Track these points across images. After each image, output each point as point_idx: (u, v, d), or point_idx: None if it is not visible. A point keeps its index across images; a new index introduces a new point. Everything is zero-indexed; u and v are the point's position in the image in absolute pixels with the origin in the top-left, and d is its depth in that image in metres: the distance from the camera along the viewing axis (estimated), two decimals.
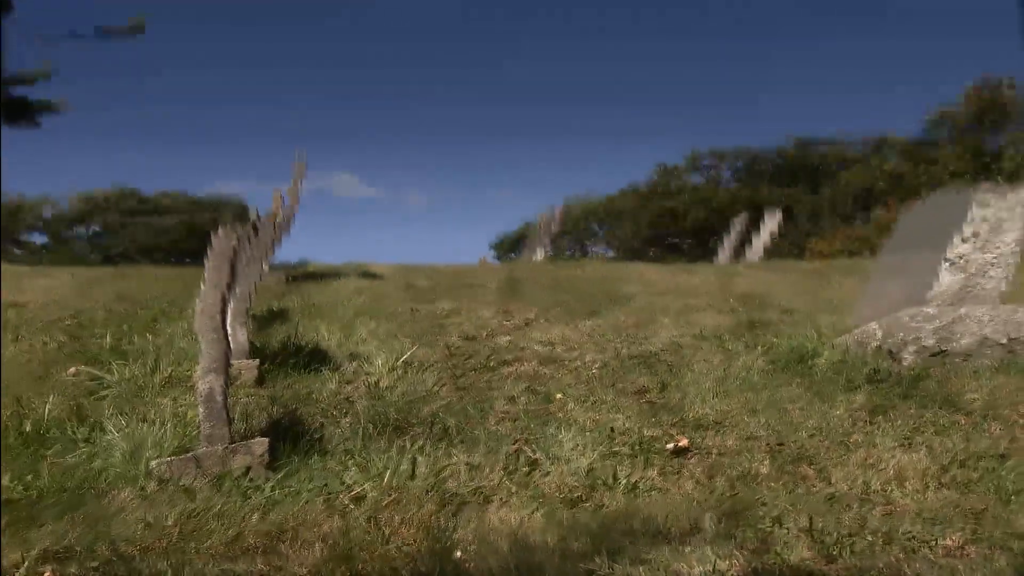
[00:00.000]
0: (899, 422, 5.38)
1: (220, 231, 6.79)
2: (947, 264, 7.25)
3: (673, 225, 33.87)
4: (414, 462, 4.86)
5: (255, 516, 4.23)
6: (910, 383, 5.99)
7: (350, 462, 4.93)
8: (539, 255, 17.62)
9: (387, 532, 4.07)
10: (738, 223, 18.26)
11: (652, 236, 35.35)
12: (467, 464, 4.88)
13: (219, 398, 5.04)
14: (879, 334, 7.03)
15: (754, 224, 18.19)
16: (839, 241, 25.15)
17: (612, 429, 5.41)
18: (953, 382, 5.95)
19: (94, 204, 41.69)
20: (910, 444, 5.00)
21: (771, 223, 17.73)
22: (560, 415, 5.82)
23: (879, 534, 4.00)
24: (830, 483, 4.60)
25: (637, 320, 8.82)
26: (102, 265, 23.95)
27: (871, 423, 5.39)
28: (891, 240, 8.73)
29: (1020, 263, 7.35)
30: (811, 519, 4.10)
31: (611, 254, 37.70)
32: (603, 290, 10.41)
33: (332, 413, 5.91)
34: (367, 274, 11.88)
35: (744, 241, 18.02)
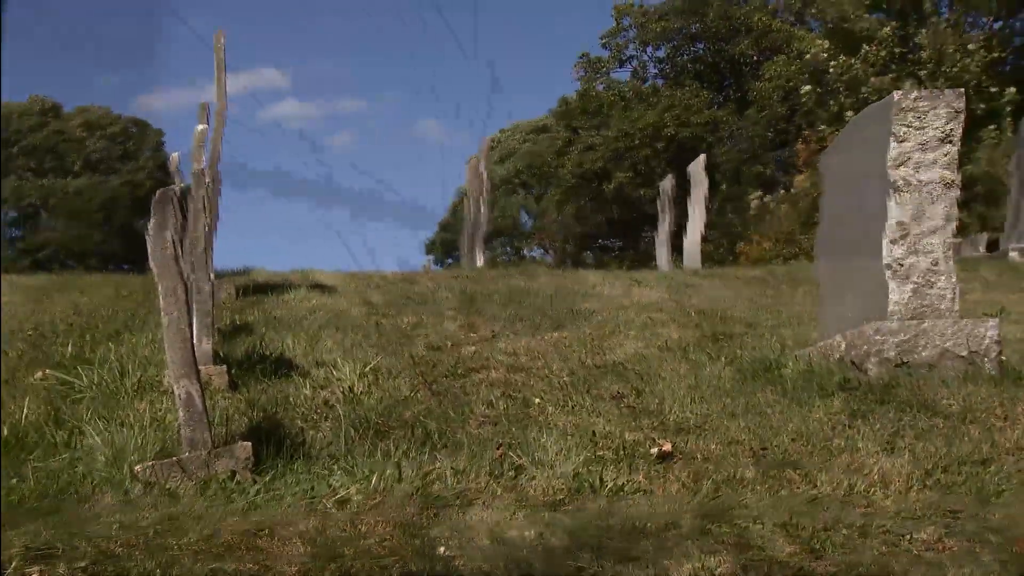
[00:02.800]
0: (878, 426, 5.48)
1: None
2: (888, 272, 7.25)
3: (595, 190, 33.17)
4: (399, 467, 4.87)
5: (233, 518, 4.21)
6: (883, 390, 6.11)
7: (335, 466, 4.93)
8: (479, 260, 17.59)
9: (363, 529, 4.09)
10: (665, 187, 18.22)
11: (582, 234, 35.32)
12: (452, 469, 4.89)
13: (198, 402, 5.02)
14: (843, 346, 7.17)
15: (681, 174, 18.10)
16: (768, 242, 25.20)
17: (594, 433, 5.46)
18: (925, 390, 6.08)
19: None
20: (892, 448, 5.10)
21: (700, 181, 17.47)
22: (540, 419, 5.87)
23: (854, 527, 4.10)
24: (815, 486, 4.69)
25: (601, 333, 8.89)
26: (34, 272, 23.39)
27: (851, 427, 5.49)
28: (820, 232, 8.46)
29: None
30: (789, 516, 4.19)
31: (548, 258, 37.65)
32: (564, 305, 10.44)
33: (312, 418, 5.89)
34: (318, 285, 11.75)
35: (679, 220, 17.79)
